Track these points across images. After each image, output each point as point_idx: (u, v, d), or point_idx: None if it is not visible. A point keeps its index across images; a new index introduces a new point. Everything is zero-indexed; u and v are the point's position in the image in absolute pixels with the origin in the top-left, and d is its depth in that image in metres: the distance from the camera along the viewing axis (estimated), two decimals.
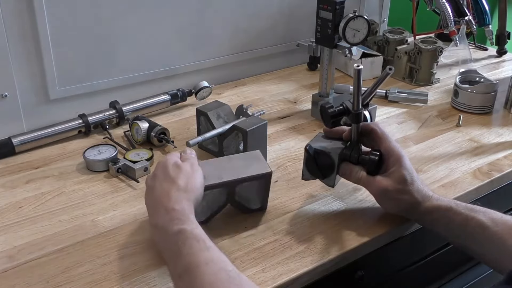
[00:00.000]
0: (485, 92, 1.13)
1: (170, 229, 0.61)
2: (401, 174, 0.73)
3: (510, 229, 0.70)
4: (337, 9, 1.01)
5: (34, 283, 0.66)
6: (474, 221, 0.71)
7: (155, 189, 0.67)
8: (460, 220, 0.71)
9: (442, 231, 0.75)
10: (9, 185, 0.87)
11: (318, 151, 0.76)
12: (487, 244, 0.71)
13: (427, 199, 0.73)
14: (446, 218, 0.72)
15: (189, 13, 1.17)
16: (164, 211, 0.64)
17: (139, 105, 1.09)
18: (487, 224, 0.70)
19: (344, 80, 1.32)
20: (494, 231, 0.70)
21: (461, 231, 0.72)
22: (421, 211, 0.73)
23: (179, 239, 0.60)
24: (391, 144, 0.74)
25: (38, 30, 0.97)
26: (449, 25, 1.29)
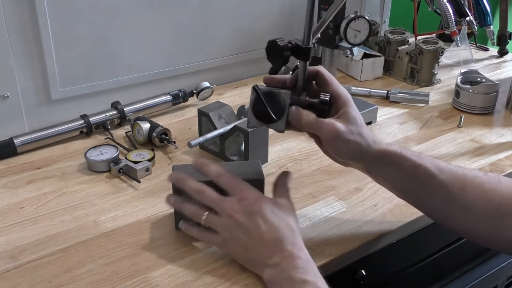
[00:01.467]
0: (487, 93, 1.13)
1: (294, 276, 0.61)
2: (351, 115, 0.70)
3: (455, 178, 0.69)
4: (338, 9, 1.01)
5: (36, 283, 0.66)
6: (422, 168, 0.69)
7: (264, 230, 0.65)
8: (409, 166, 0.70)
9: (390, 177, 0.73)
10: (10, 186, 0.87)
11: (267, 92, 0.70)
12: (433, 192, 0.70)
13: (377, 143, 0.71)
14: (396, 163, 0.70)
15: (190, 14, 1.17)
16: (288, 255, 0.63)
17: (141, 105, 1.09)
18: (434, 172, 0.69)
19: (346, 81, 1.32)
20: (441, 179, 0.69)
21: (409, 178, 0.71)
22: (372, 154, 0.70)
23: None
24: (339, 86, 0.72)
25: (40, 31, 0.97)
26: (450, 25, 1.29)
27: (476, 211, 0.68)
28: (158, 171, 0.91)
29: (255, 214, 0.66)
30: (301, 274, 0.61)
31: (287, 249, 0.63)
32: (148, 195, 0.85)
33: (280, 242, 0.64)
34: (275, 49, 0.70)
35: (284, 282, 0.62)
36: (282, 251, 0.63)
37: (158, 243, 0.74)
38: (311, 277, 0.61)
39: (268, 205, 0.67)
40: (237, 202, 0.67)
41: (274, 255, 0.64)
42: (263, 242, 0.65)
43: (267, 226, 0.65)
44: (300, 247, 0.65)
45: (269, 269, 0.63)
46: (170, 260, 0.70)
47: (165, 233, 0.76)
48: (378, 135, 1.02)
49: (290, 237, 0.65)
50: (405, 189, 0.73)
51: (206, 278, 0.67)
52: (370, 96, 1.21)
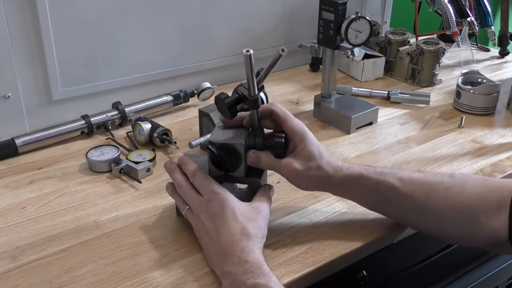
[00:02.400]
0: (487, 93, 1.13)
1: (245, 282, 0.61)
2: (308, 150, 0.71)
3: (418, 187, 0.71)
4: (339, 10, 1.01)
5: (37, 283, 0.66)
6: (384, 184, 0.71)
7: (220, 235, 0.66)
8: (371, 185, 0.72)
9: (356, 198, 0.76)
10: (12, 186, 0.88)
11: (221, 146, 0.71)
12: (400, 205, 0.72)
13: (338, 170, 0.72)
14: (358, 185, 0.72)
15: (191, 14, 1.17)
16: (236, 261, 0.63)
17: (142, 106, 1.09)
18: (397, 186, 0.71)
19: (346, 81, 1.32)
20: (404, 191, 0.70)
21: (373, 196, 0.73)
22: (334, 182, 0.73)
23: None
24: (293, 122, 0.73)
25: (41, 31, 0.97)
26: (451, 26, 1.29)
27: (446, 215, 0.69)
28: (159, 171, 0.91)
29: (216, 216, 0.67)
30: (251, 279, 0.61)
31: (236, 255, 0.64)
32: (149, 196, 0.85)
33: (230, 248, 0.65)
34: (221, 105, 0.72)
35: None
36: (231, 258, 0.64)
37: (159, 243, 0.74)
38: (261, 279, 0.61)
39: (230, 209, 0.67)
40: (204, 203, 0.69)
41: (225, 262, 0.64)
42: (218, 245, 0.66)
43: (223, 230, 0.66)
44: (249, 251, 0.64)
45: (224, 279, 0.64)
46: (171, 260, 0.70)
47: (166, 234, 0.76)
48: (378, 136, 1.02)
49: (242, 241, 0.65)
50: (372, 205, 0.76)
51: (207, 279, 0.67)
52: (371, 97, 1.21)
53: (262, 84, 0.72)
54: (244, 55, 0.68)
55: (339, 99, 1.13)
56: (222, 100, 0.71)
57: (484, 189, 0.69)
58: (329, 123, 1.09)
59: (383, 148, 1.00)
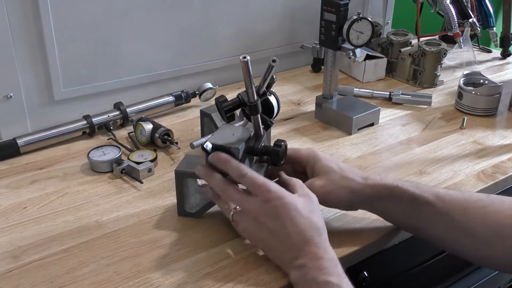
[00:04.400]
0: (489, 94, 1.13)
1: (318, 278, 0.61)
2: (325, 165, 0.72)
3: (456, 204, 0.69)
4: (341, 11, 1.01)
5: (38, 283, 0.66)
6: (421, 198, 0.69)
7: (289, 232, 0.64)
8: (408, 198, 0.70)
9: (390, 211, 0.73)
10: (13, 186, 0.88)
11: (217, 148, 0.70)
12: (435, 221, 0.70)
13: (367, 178, 0.71)
14: (393, 196, 0.70)
15: (193, 14, 1.17)
16: (312, 256, 0.63)
17: (143, 106, 1.09)
18: (434, 201, 0.69)
19: (348, 82, 1.32)
20: (441, 207, 0.69)
21: (409, 211, 0.71)
22: (366, 192, 0.71)
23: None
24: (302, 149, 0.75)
25: (43, 31, 0.97)
26: (453, 27, 1.29)
27: (480, 235, 0.67)
28: (161, 171, 0.91)
29: (280, 216, 0.65)
30: (325, 276, 0.61)
31: (312, 251, 0.63)
32: (150, 196, 0.85)
33: (305, 244, 0.64)
34: (220, 108, 0.72)
35: (308, 284, 0.62)
36: (306, 253, 0.63)
37: (160, 243, 0.74)
38: (334, 278, 0.61)
39: (293, 206, 0.65)
40: (261, 204, 0.66)
41: (299, 256, 0.63)
42: (289, 243, 0.65)
43: (293, 228, 0.64)
44: (325, 247, 0.64)
45: (295, 271, 0.63)
46: (172, 261, 0.70)
47: (167, 234, 0.76)
48: (380, 137, 1.02)
49: (315, 237, 0.64)
50: (407, 221, 0.73)
51: (208, 279, 0.67)
52: (372, 98, 1.21)
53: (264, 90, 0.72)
54: (241, 61, 0.67)
55: (340, 100, 1.13)
56: (220, 103, 0.71)
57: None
58: (331, 124, 1.09)
59: (385, 149, 1.00)
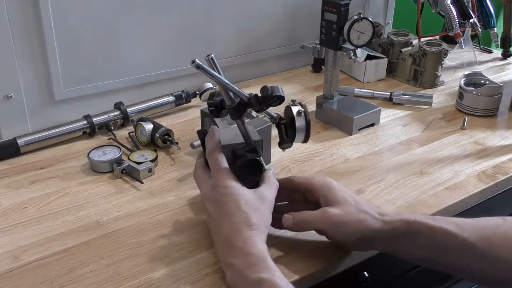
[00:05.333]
0: (490, 95, 1.12)
1: (248, 276, 0.59)
2: (340, 195, 0.68)
3: (478, 232, 0.67)
4: (342, 11, 1.01)
5: (39, 283, 0.66)
6: (441, 230, 0.66)
7: (223, 224, 0.64)
8: (427, 231, 0.66)
9: (408, 248, 0.68)
10: (14, 186, 0.88)
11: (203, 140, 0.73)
12: (460, 252, 0.67)
13: (385, 215, 0.67)
14: (414, 231, 0.66)
15: (193, 14, 1.17)
16: (239, 253, 0.61)
17: (144, 106, 1.09)
18: (455, 232, 0.66)
19: (349, 82, 1.32)
20: (464, 237, 0.66)
21: (430, 244, 0.67)
22: (384, 228, 0.67)
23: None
24: (315, 177, 0.72)
25: (43, 31, 0.97)
26: (454, 27, 1.28)
27: (505, 260, 0.66)
28: (161, 172, 0.91)
29: (220, 204, 0.66)
30: (255, 273, 0.59)
31: (239, 246, 0.62)
32: (151, 196, 0.85)
33: (232, 238, 0.63)
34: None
35: (239, 283, 0.60)
36: (234, 249, 0.62)
37: (160, 244, 0.74)
38: (266, 273, 0.59)
39: (236, 197, 0.65)
40: (210, 188, 0.68)
41: (229, 253, 0.63)
42: (221, 235, 0.65)
43: (226, 218, 0.64)
44: (252, 242, 0.62)
45: (227, 271, 0.63)
46: (172, 261, 0.70)
47: (167, 234, 0.76)
48: (380, 137, 1.02)
49: (244, 231, 0.62)
50: (427, 256, 0.69)
51: (208, 279, 0.67)
52: (373, 98, 1.21)
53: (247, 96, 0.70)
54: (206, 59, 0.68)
55: (341, 100, 1.13)
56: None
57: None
58: (331, 124, 1.09)
59: (385, 150, 1.00)
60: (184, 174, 0.91)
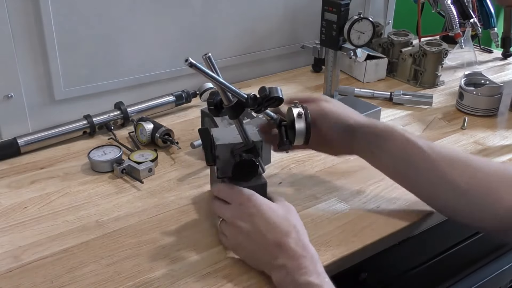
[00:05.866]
0: (490, 95, 1.12)
1: (298, 279, 0.60)
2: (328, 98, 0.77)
3: (444, 155, 0.71)
4: (342, 11, 1.01)
5: (39, 283, 0.66)
6: (414, 143, 0.71)
7: (265, 231, 0.65)
8: (402, 139, 0.71)
9: (382, 153, 0.74)
10: (14, 186, 0.88)
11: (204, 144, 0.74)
12: (422, 168, 0.71)
13: (362, 117, 0.75)
14: (390, 133, 0.72)
15: (194, 14, 1.17)
16: (292, 255, 0.62)
17: (144, 106, 1.09)
18: (424, 148, 0.70)
19: (349, 82, 1.32)
20: (430, 155, 0.70)
21: (400, 152, 0.72)
22: (366, 123, 0.73)
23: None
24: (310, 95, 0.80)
25: (43, 31, 0.97)
26: (454, 27, 1.28)
27: (461, 187, 0.69)
28: (161, 171, 0.91)
29: (254, 216, 0.66)
30: (305, 276, 0.60)
31: (291, 248, 0.63)
32: (151, 196, 0.85)
33: (283, 242, 0.63)
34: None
35: (289, 285, 0.61)
36: (286, 251, 0.63)
37: (160, 243, 0.74)
38: (315, 278, 0.60)
39: (266, 206, 0.67)
40: (236, 208, 0.68)
41: (279, 256, 0.63)
42: (266, 243, 0.65)
43: (268, 227, 0.65)
44: (304, 245, 0.64)
45: (276, 271, 0.63)
46: (173, 261, 0.70)
47: (167, 234, 0.76)
48: None
49: (293, 235, 0.64)
50: (396, 167, 0.74)
51: (208, 279, 0.67)
52: (373, 98, 1.21)
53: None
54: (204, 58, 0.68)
55: (341, 100, 1.12)
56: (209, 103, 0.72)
57: (504, 172, 0.69)
58: None
59: None
60: (184, 174, 0.91)
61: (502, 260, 1.08)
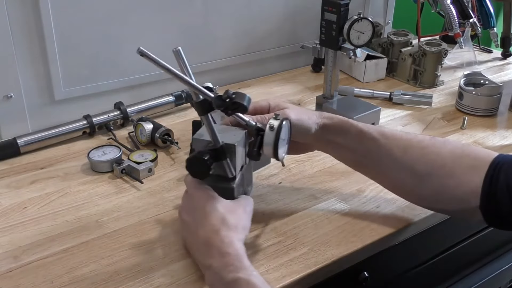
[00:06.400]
0: (490, 95, 1.13)
1: (225, 277, 0.60)
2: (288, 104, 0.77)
3: (398, 142, 0.73)
4: (342, 11, 1.01)
5: (39, 283, 0.66)
6: (367, 134, 0.74)
7: (200, 227, 0.65)
8: (356, 132, 0.74)
9: (340, 146, 0.77)
10: (14, 186, 0.88)
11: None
12: (378, 157, 0.74)
13: (324, 114, 0.77)
14: (345, 129, 0.75)
15: (193, 14, 1.17)
16: (217, 253, 0.62)
17: (144, 106, 1.09)
18: (377, 137, 0.74)
19: (348, 82, 1.32)
20: (384, 143, 0.73)
21: (356, 144, 0.75)
22: (324, 122, 0.75)
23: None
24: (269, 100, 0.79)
25: (43, 31, 0.97)
26: (454, 27, 1.28)
27: (419, 172, 0.71)
28: (161, 171, 0.91)
29: (196, 210, 0.67)
30: (232, 273, 0.60)
31: (216, 246, 0.63)
32: (151, 196, 0.85)
33: (210, 238, 0.64)
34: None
35: (216, 284, 0.62)
36: (212, 250, 0.63)
37: (160, 243, 0.74)
38: (243, 273, 0.60)
39: (211, 202, 0.66)
40: (184, 200, 0.70)
41: (206, 254, 0.63)
42: (199, 238, 0.65)
43: (203, 221, 0.65)
44: (230, 242, 0.63)
45: (206, 273, 0.64)
46: (172, 260, 0.70)
47: (167, 234, 0.76)
48: None
49: (221, 232, 0.64)
50: (353, 157, 0.77)
51: None
52: (373, 98, 1.21)
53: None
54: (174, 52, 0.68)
55: (341, 100, 1.13)
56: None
57: (461, 153, 0.71)
58: None
59: None
60: (184, 174, 0.90)
61: (502, 260, 1.08)
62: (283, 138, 0.70)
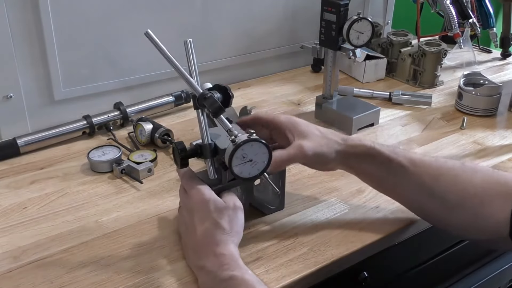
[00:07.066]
0: (489, 95, 1.13)
1: (220, 275, 0.61)
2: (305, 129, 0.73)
3: (428, 169, 0.71)
4: (341, 11, 1.01)
5: (39, 283, 0.66)
6: (395, 162, 0.72)
7: (196, 229, 0.66)
8: (383, 160, 0.72)
9: (366, 174, 0.76)
10: (13, 186, 0.88)
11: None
12: (408, 185, 0.72)
13: (348, 140, 0.75)
14: (369, 157, 0.73)
15: (193, 14, 1.17)
16: (212, 255, 0.63)
17: (143, 106, 1.09)
18: (407, 165, 0.71)
19: (348, 82, 1.32)
20: (413, 171, 0.71)
21: (384, 173, 0.73)
22: (346, 150, 0.74)
23: (229, 285, 0.60)
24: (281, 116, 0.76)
25: (43, 31, 0.97)
26: (453, 27, 1.29)
27: (451, 201, 0.70)
28: (160, 172, 0.91)
29: (193, 211, 0.68)
30: (227, 271, 0.61)
31: (211, 249, 0.64)
32: (150, 196, 0.85)
33: (205, 241, 0.65)
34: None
35: (211, 283, 0.63)
36: (206, 252, 0.64)
37: (160, 243, 0.74)
38: (237, 271, 0.61)
39: (206, 203, 0.67)
40: (185, 199, 0.70)
41: (200, 256, 0.65)
42: (194, 239, 0.66)
43: (199, 223, 0.66)
44: (224, 245, 0.64)
45: (200, 274, 0.65)
46: (172, 260, 0.70)
47: (167, 234, 0.76)
48: (379, 137, 1.02)
49: (216, 235, 0.65)
50: (381, 182, 0.76)
51: None
52: (372, 98, 1.21)
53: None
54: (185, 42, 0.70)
55: (340, 100, 1.13)
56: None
57: (492, 181, 0.69)
58: (331, 124, 1.09)
59: None
60: None
61: (502, 260, 1.08)
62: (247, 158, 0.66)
